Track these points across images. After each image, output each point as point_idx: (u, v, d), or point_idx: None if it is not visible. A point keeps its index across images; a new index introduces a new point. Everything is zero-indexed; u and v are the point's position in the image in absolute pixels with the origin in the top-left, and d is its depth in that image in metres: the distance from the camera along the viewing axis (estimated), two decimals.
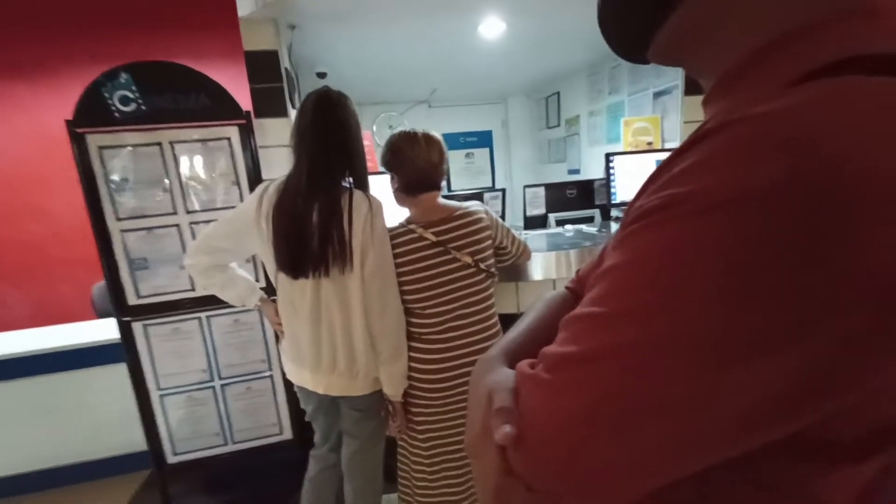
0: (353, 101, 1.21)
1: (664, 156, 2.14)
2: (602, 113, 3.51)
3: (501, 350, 0.44)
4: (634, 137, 2.68)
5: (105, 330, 2.02)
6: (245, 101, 1.79)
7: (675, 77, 2.53)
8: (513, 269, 1.54)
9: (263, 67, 1.94)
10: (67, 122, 1.60)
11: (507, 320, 1.34)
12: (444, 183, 1.29)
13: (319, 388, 1.22)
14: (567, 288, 0.59)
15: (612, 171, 2.21)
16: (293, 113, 2.12)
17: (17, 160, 3.52)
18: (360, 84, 3.66)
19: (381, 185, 1.39)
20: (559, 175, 4.42)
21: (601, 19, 0.38)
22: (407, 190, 1.24)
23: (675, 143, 2.54)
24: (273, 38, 1.95)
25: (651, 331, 0.23)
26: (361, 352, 1.19)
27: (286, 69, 2.06)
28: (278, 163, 1.99)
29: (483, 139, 5.19)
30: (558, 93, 4.31)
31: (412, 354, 1.24)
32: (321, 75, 3.07)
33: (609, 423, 0.25)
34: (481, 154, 5.22)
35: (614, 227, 2.19)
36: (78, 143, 1.60)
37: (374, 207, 1.16)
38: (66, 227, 3.61)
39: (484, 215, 1.26)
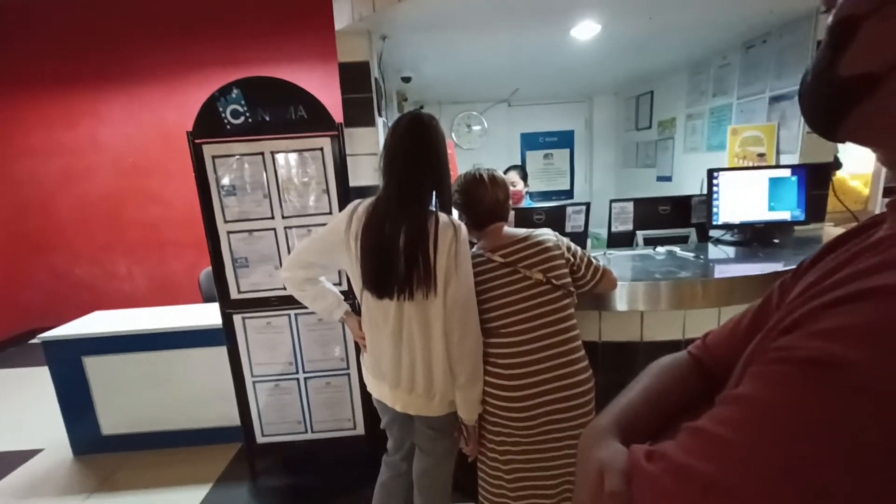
0: (433, 101, 1.24)
1: (779, 173, 1.89)
2: (703, 116, 3.18)
3: (613, 420, 0.44)
4: (743, 148, 2.39)
5: (209, 315, 2.26)
6: (333, 107, 1.87)
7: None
8: (597, 296, 1.46)
9: (355, 79, 2.02)
10: (188, 133, 1.78)
11: (589, 348, 1.28)
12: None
13: (397, 406, 1.26)
14: (690, 353, 0.55)
15: (715, 188, 1.99)
16: (380, 121, 2.18)
17: (142, 151, 4.06)
18: (442, 85, 3.67)
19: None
20: (646, 180, 4.11)
21: (800, 93, 0.40)
22: (476, 225, 1.32)
23: (793, 157, 2.23)
24: (366, 49, 2.01)
25: (774, 486, 0.25)
26: (440, 374, 1.21)
27: (375, 79, 2.12)
28: (365, 171, 2.06)
29: (564, 139, 4.97)
30: (651, 92, 3.99)
31: (492, 380, 1.23)
32: (406, 79, 3.13)
33: None
34: (561, 155, 5.02)
35: (713, 250, 1.98)
36: (196, 152, 1.79)
37: (459, 233, 1.16)
38: (179, 212, 4.12)
39: (552, 240, 1.28)
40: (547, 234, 1.29)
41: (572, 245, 1.32)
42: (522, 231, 1.30)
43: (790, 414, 0.26)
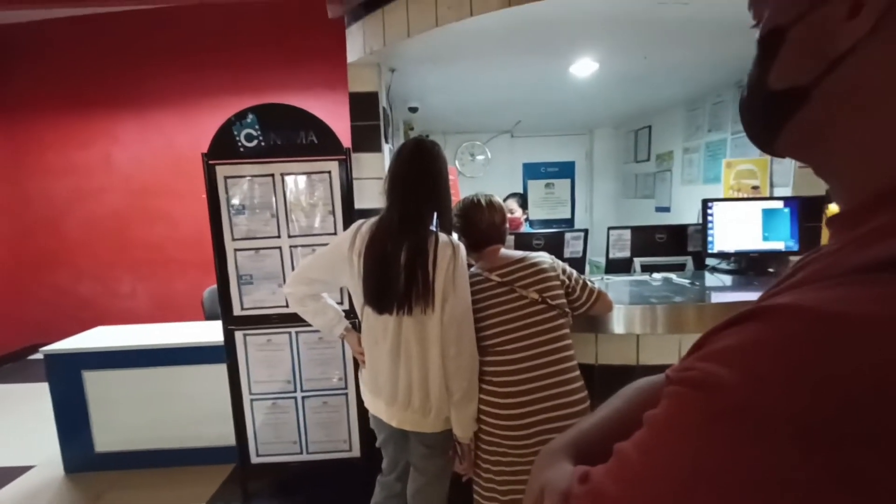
0: (438, 131, 1.30)
1: (772, 205, 1.93)
2: (699, 150, 3.29)
3: (569, 441, 0.43)
4: (737, 181, 2.46)
5: (210, 333, 2.28)
6: (341, 132, 1.96)
7: None
8: (593, 319, 1.48)
9: (364, 107, 2.12)
10: (203, 154, 1.86)
11: (584, 371, 1.30)
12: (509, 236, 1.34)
13: (393, 422, 1.27)
14: (667, 376, 0.54)
15: (710, 218, 2.05)
16: (386, 147, 2.27)
17: (152, 172, 4.18)
18: (447, 116, 3.82)
19: None
20: (645, 211, 4.19)
21: (739, 107, 0.39)
22: (474, 247, 1.38)
23: (786, 190, 2.29)
24: (375, 80, 2.13)
25: None
26: (436, 390, 1.22)
27: (383, 108, 2.23)
28: (370, 194, 2.13)
29: (565, 170, 5.08)
30: (650, 126, 4.12)
31: (487, 398, 1.24)
32: (413, 109, 3.26)
33: None
34: (562, 185, 5.11)
35: (709, 277, 2.02)
36: (209, 172, 1.87)
37: (457, 252, 1.20)
38: (184, 233, 4.19)
39: (548, 262, 1.32)
40: (543, 256, 1.34)
41: (567, 268, 1.36)
42: (519, 253, 1.35)
43: (674, 435, 0.27)
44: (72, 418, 2.26)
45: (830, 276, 0.26)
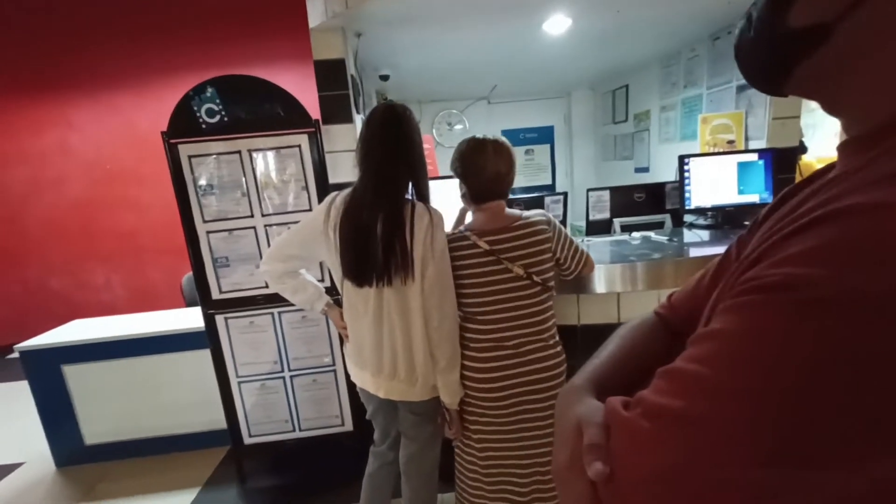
0: (413, 100, 1.25)
1: (747, 157, 1.94)
2: (676, 108, 3.27)
3: (588, 379, 0.43)
4: (713, 136, 2.46)
5: (191, 319, 2.23)
6: (311, 105, 1.88)
7: None
8: (575, 280, 1.49)
9: (331, 75, 2.02)
10: (163, 133, 1.77)
11: (567, 332, 1.31)
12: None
13: (380, 392, 1.27)
14: (656, 313, 0.56)
15: (686, 174, 2.05)
16: (358, 119, 2.19)
17: (114, 158, 3.99)
18: (421, 83, 3.69)
19: (440, 192, 1.40)
20: (625, 172, 4.19)
21: (738, 48, 0.39)
22: (473, 199, 1.26)
23: (760, 143, 2.31)
24: (341, 46, 2.02)
25: (746, 413, 0.25)
26: (421, 359, 1.22)
27: (352, 76, 2.13)
28: (344, 167, 2.07)
29: (544, 135, 5.04)
30: (627, 86, 4.07)
31: (466, 363, 1.25)
32: (384, 77, 3.14)
33: (689, 487, 0.26)
34: (542, 151, 5.09)
35: (687, 234, 2.04)
36: (171, 152, 1.78)
37: (434, 220, 1.18)
38: (156, 220, 4.05)
39: (546, 226, 1.25)
40: (541, 217, 1.25)
41: (562, 230, 1.29)
42: (516, 213, 1.25)
43: (755, 341, 0.26)
44: (56, 413, 2.22)
45: (871, 182, 0.26)
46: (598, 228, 2.21)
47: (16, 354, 2.17)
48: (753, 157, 2.08)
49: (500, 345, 1.23)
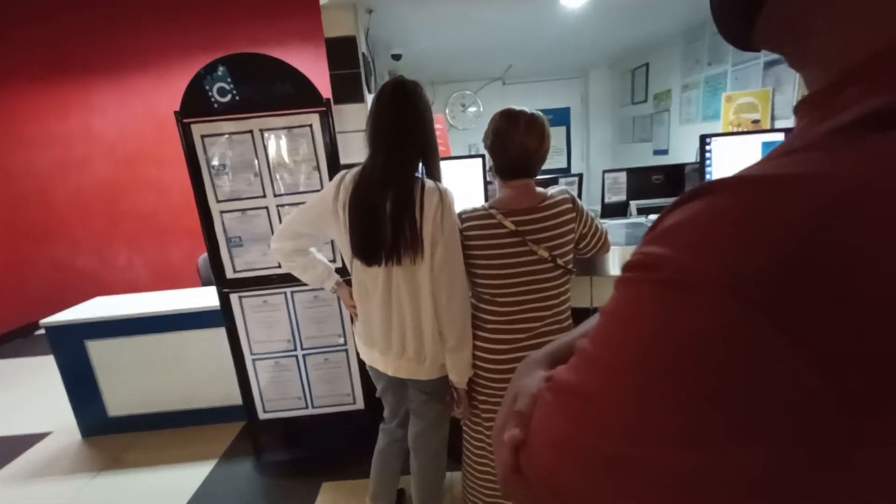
0: (427, 81, 1.21)
1: (772, 137, 1.87)
2: (698, 86, 3.14)
3: (547, 353, 0.45)
4: (737, 115, 2.36)
5: (207, 298, 2.28)
6: (322, 85, 1.86)
7: None
8: (588, 261, 1.47)
9: (342, 54, 2.00)
10: (175, 112, 1.77)
11: (579, 314, 1.29)
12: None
13: (389, 371, 1.28)
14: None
15: (708, 154, 1.98)
16: (369, 98, 2.16)
17: (135, 139, 4.05)
18: (434, 63, 3.62)
19: (451, 172, 1.37)
20: (643, 155, 4.08)
21: (711, 5, 0.37)
22: (500, 174, 1.22)
23: (787, 122, 2.21)
24: (352, 23, 1.99)
25: (618, 389, 0.25)
26: (429, 338, 1.22)
27: (363, 54, 2.10)
28: (355, 147, 2.06)
29: (560, 117, 4.92)
30: (647, 64, 3.93)
31: (478, 343, 1.25)
32: (396, 57, 3.09)
33: (579, 456, 0.27)
34: (557, 133, 4.97)
35: None
36: (185, 132, 1.78)
37: (444, 198, 1.16)
38: (175, 200, 4.12)
39: (570, 205, 1.21)
40: (566, 196, 1.22)
41: (584, 208, 1.25)
42: (542, 192, 1.21)
43: (619, 318, 0.27)
44: (81, 386, 2.32)
45: (781, 153, 0.25)
46: (613, 211, 2.16)
47: (42, 330, 2.26)
48: (779, 136, 1.99)
49: (516, 327, 1.21)
